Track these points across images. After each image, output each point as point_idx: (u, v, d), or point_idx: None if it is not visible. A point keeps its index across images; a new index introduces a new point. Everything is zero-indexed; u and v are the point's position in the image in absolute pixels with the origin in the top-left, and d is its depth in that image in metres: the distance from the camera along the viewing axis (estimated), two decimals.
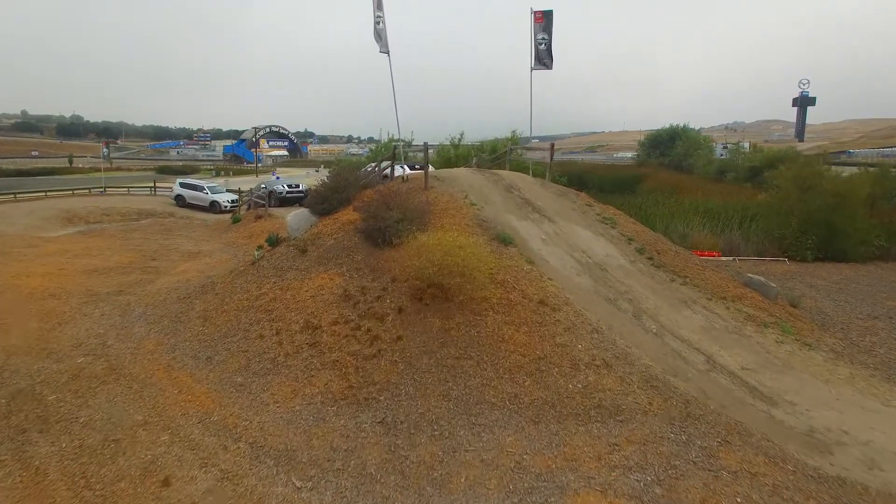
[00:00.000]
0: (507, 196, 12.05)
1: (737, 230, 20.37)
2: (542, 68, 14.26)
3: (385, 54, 12.22)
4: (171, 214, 29.86)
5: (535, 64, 14.30)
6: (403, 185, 12.54)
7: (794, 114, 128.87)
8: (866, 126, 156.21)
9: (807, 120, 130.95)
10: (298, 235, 12.42)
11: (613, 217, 12.25)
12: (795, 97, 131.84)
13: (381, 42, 12.02)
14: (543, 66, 14.21)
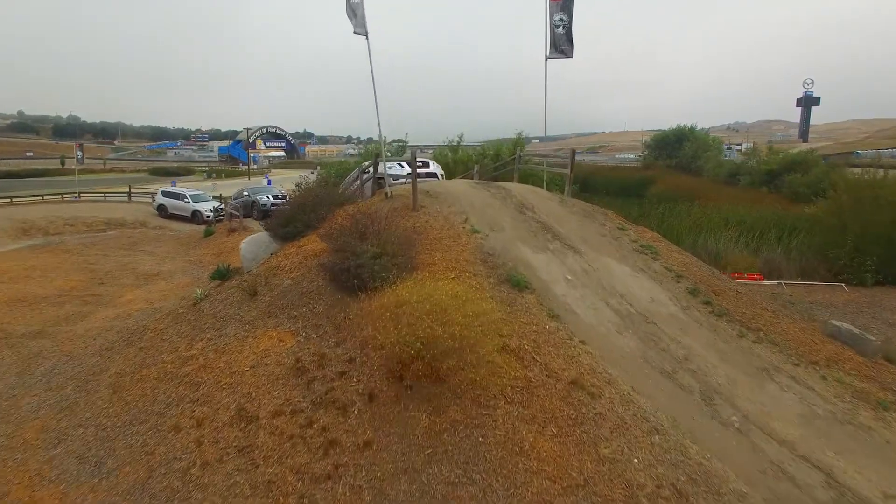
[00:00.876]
0: (519, 218, 9.44)
1: (776, 246, 17.74)
2: (559, 56, 11.66)
3: (362, 37, 9.63)
4: (143, 224, 27.27)
5: (550, 52, 11.70)
6: (386, 203, 9.93)
7: (795, 114, 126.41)
8: (869, 126, 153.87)
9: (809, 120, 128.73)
10: (253, 268, 9.83)
11: (653, 245, 9.64)
12: (799, 97, 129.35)
13: (355, 20, 9.44)
14: (562, 55, 11.61)
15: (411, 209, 9.36)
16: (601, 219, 10.29)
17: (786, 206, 28.54)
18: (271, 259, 9.73)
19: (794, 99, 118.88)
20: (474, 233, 8.59)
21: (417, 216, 9.11)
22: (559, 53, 11.65)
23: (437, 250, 8.05)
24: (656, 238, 10.21)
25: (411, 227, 8.63)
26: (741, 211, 22.28)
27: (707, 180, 46.42)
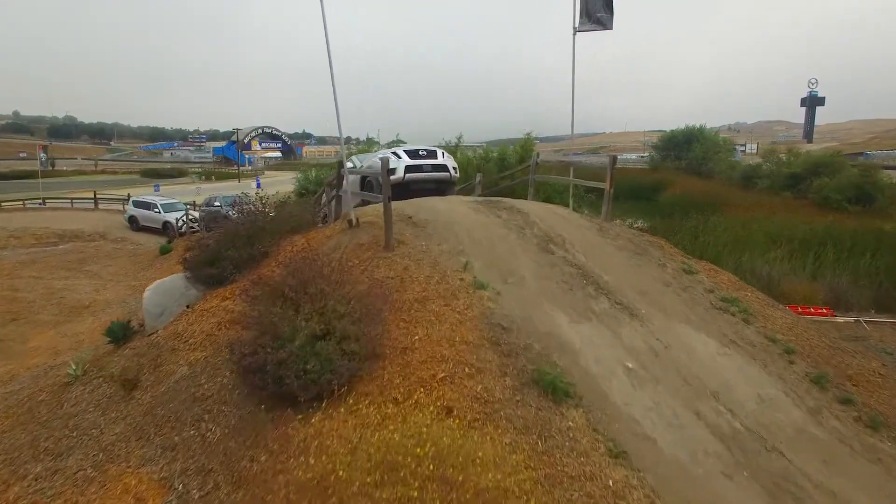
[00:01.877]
0: (545, 259, 6.34)
1: (838, 269, 14.64)
2: (593, 28, 8.60)
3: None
4: (103, 236, 24.21)
5: (580, 23, 8.66)
6: (347, 235, 6.84)
7: (797, 114, 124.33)
8: (872, 126, 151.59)
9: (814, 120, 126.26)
10: (159, 327, 6.77)
11: (738, 298, 6.59)
12: (804, 97, 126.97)
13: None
14: (597, 25, 8.55)
15: (384, 247, 6.29)
16: (657, 255, 7.21)
17: (816, 215, 25.55)
18: (182, 317, 6.66)
19: (795, 99, 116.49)
20: (479, 288, 5.52)
21: (392, 260, 6.04)
22: (594, 24, 8.58)
23: (420, 323, 4.99)
24: (737, 284, 7.15)
25: (381, 280, 5.57)
26: (783, 223, 19.20)
27: (721, 183, 43.41)
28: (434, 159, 9.68)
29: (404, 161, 9.36)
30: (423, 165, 9.46)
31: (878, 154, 72.68)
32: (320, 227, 8.35)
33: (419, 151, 9.79)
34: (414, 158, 9.51)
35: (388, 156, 9.28)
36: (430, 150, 9.94)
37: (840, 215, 25.47)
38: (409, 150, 9.78)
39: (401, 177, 9.07)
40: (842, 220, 22.09)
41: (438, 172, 9.59)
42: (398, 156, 9.52)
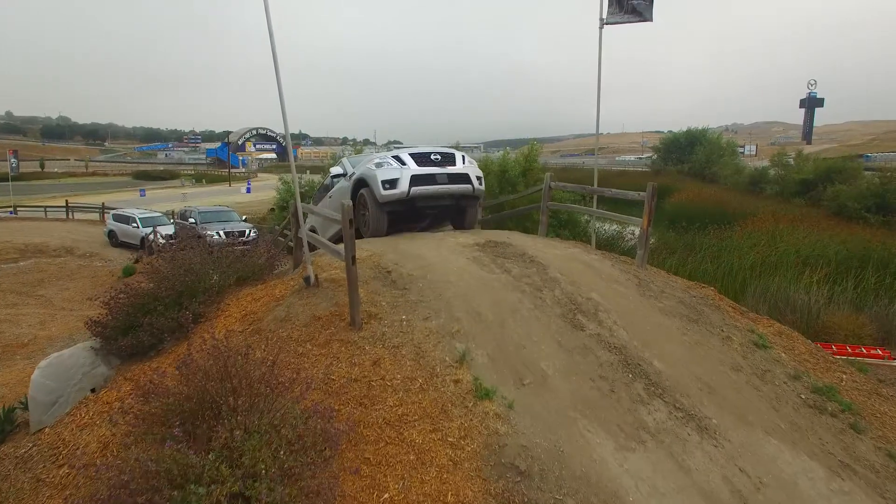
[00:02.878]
0: (573, 341, 4.53)
1: (880, 295, 12.87)
2: (629, 20, 6.80)
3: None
4: (70, 251, 22.29)
5: (609, 14, 6.88)
6: (301, 300, 5.02)
7: (793, 115, 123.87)
8: (870, 128, 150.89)
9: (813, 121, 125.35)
10: (47, 422, 4.99)
11: (832, 387, 4.82)
12: (803, 98, 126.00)
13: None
14: (634, 16, 6.74)
15: (349, 322, 4.50)
16: (716, 320, 5.43)
17: (839, 227, 23.88)
18: (78, 411, 4.88)
19: (791, 100, 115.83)
20: (482, 397, 3.75)
21: (358, 346, 4.25)
22: (628, 14, 6.81)
23: (392, 466, 3.23)
24: (821, 359, 5.38)
25: (339, 387, 3.79)
26: (814, 240, 17.44)
27: (727, 190, 41.77)
28: (451, 165, 7.27)
29: (409, 169, 6.99)
30: (435, 175, 7.06)
31: (879, 157, 71.35)
32: (277, 275, 6.57)
33: (430, 155, 7.33)
34: (423, 165, 7.13)
35: (385, 161, 7.16)
36: (446, 154, 7.46)
37: (863, 227, 23.79)
38: (417, 153, 7.35)
39: (404, 192, 6.86)
40: (870, 234, 20.40)
41: (457, 184, 7.21)
42: (401, 161, 7.14)
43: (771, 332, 5.75)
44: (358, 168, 7.64)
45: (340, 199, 7.14)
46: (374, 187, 6.97)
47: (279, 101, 5.06)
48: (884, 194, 26.96)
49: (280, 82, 5.02)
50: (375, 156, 7.68)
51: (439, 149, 7.74)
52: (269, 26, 4.89)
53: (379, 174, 7.00)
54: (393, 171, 7.02)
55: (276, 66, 4.94)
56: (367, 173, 7.16)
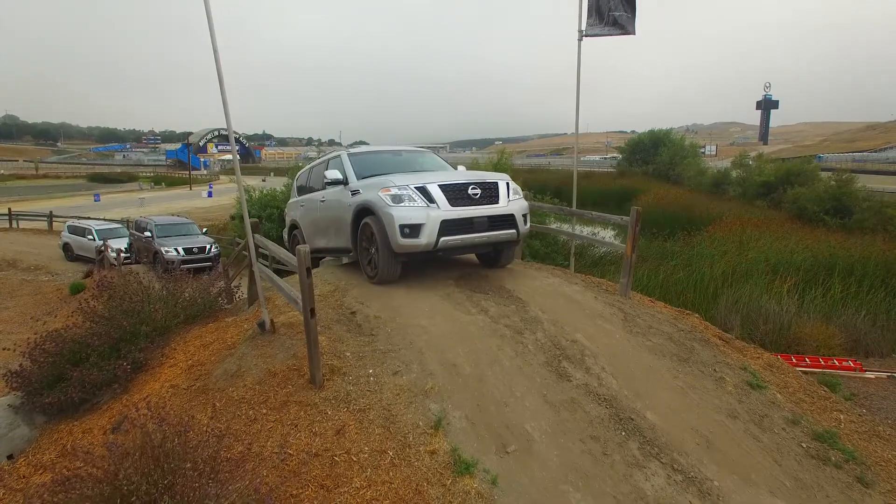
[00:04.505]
0: (558, 392, 4.07)
1: (847, 304, 12.96)
2: (609, 33, 6.43)
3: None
4: (12, 265, 20.70)
5: (588, 26, 6.50)
6: (255, 350, 4.45)
7: (750, 116, 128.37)
8: (821, 129, 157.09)
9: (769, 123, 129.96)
10: None
11: (834, 433, 4.52)
12: (759, 100, 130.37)
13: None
14: (614, 28, 6.34)
15: (308, 380, 3.97)
16: (707, 357, 5.08)
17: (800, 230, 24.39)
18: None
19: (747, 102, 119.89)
20: (462, 472, 3.28)
21: (319, 409, 3.72)
22: (608, 27, 6.43)
23: None
24: (814, 395, 5.09)
25: (296, 468, 3.26)
26: (781, 248, 17.60)
27: (691, 192, 42.44)
28: (493, 202, 5.54)
29: (439, 210, 5.22)
30: (473, 220, 5.32)
31: (830, 157, 74.09)
32: (232, 309, 5.96)
33: (467, 188, 5.46)
34: (458, 203, 5.34)
35: (405, 193, 5.27)
36: (487, 184, 5.61)
37: (824, 231, 24.36)
38: (450, 184, 5.42)
39: (430, 244, 5.15)
40: (831, 238, 20.81)
41: (501, 230, 5.54)
42: (427, 196, 5.29)
43: (761, 365, 5.46)
44: (366, 189, 5.68)
45: (334, 214, 6.18)
46: (389, 230, 5.17)
47: (222, 104, 4.47)
48: (840, 197, 27.76)
49: (222, 79, 4.40)
50: (392, 178, 5.55)
51: (476, 176, 5.71)
52: (209, 22, 4.31)
53: (396, 214, 5.15)
54: (416, 211, 5.16)
55: (218, 62, 4.35)
56: (379, 205, 5.32)
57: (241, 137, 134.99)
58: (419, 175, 5.81)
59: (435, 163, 7.20)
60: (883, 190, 30.58)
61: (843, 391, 7.99)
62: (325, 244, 6.72)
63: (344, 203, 6.03)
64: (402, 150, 7.18)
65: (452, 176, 5.69)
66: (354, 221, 5.80)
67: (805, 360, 10.44)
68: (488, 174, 6.03)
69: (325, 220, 6.60)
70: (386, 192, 5.34)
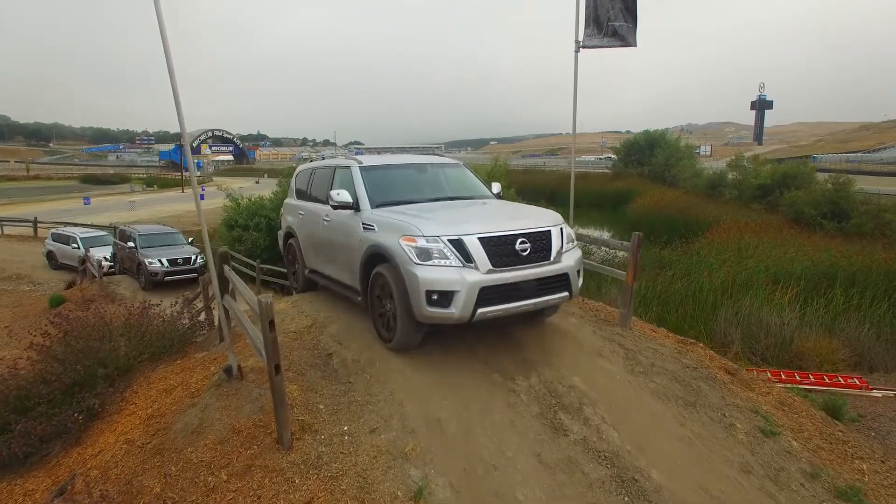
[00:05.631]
0: (554, 451, 3.63)
1: (849, 316, 12.61)
2: (608, 45, 6.02)
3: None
4: None
5: (586, 37, 6.08)
6: (219, 401, 3.99)
7: (745, 116, 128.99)
8: (816, 129, 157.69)
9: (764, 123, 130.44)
10: None
11: (858, 488, 4.13)
12: (753, 100, 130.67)
13: None
14: (613, 39, 5.93)
15: (276, 440, 3.54)
16: (714, 399, 4.70)
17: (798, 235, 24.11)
18: None
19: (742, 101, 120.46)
20: None
21: (286, 476, 3.29)
22: (608, 38, 6.03)
23: None
24: (837, 444, 4.71)
25: None
26: (781, 256, 17.26)
27: (687, 194, 42.12)
28: (545, 259, 4.38)
29: (478, 275, 4.07)
30: (520, 285, 4.21)
31: (825, 158, 74.20)
32: (202, 343, 5.52)
33: (515, 241, 4.28)
34: (502, 263, 4.18)
35: (434, 246, 4.11)
36: (537, 233, 4.41)
37: (821, 236, 24.07)
38: (493, 236, 4.22)
39: (464, 317, 4.03)
40: (829, 243, 20.52)
41: (552, 294, 4.42)
42: (464, 253, 4.13)
43: (772, 403, 5.07)
44: (383, 229, 4.51)
45: (340, 243, 5.13)
46: (412, 294, 4.09)
47: (174, 103, 4.04)
48: (837, 201, 27.49)
49: (172, 71, 3.96)
50: (417, 223, 4.29)
51: (525, 223, 4.45)
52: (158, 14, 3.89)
53: (422, 276, 4.02)
54: (448, 273, 4.03)
55: (168, 55, 3.92)
56: (399, 257, 4.19)
57: (234, 138, 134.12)
58: (451, 215, 4.66)
59: (467, 184, 5.87)
60: (879, 192, 30.33)
61: (850, 412, 7.65)
62: (326, 272, 5.73)
63: (353, 236, 4.90)
64: (427, 164, 5.90)
65: (495, 221, 4.44)
66: (366, 264, 4.66)
67: (809, 377, 10.06)
68: (537, 214, 4.85)
69: (328, 244, 5.53)
70: (410, 241, 4.17)
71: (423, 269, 4.07)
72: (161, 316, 5.65)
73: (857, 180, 30.66)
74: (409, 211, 4.69)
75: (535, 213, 5.05)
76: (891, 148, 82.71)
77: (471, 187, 5.83)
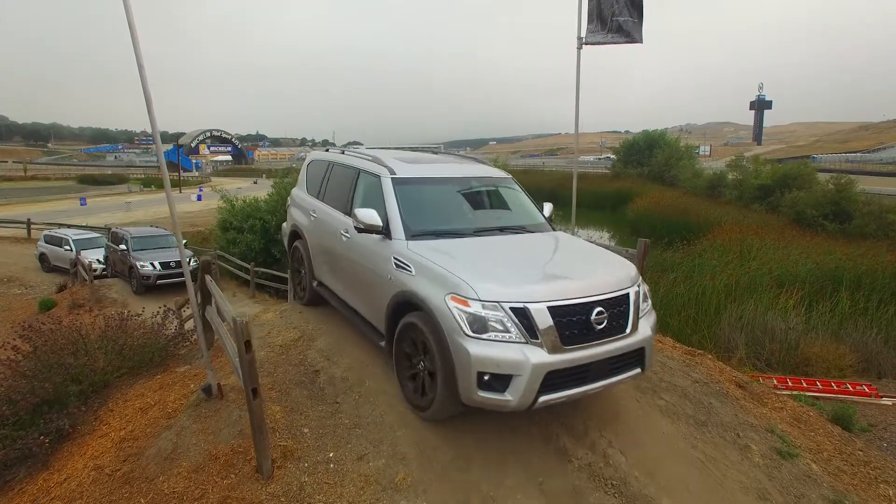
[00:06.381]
0: (558, 479, 3.34)
1: (856, 321, 12.34)
2: (612, 41, 5.75)
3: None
4: None
5: (589, 33, 5.82)
6: (199, 425, 3.71)
7: (743, 115, 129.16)
8: (813, 129, 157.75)
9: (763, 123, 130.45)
10: None
11: None
12: (752, 100, 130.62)
13: None
14: (618, 36, 5.65)
15: (255, 468, 3.26)
16: (727, 416, 4.41)
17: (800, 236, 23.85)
18: None
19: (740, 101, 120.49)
20: None
21: None
22: (612, 34, 5.75)
23: None
24: (859, 465, 4.43)
25: None
26: (784, 258, 17.00)
27: (686, 193, 41.89)
28: (621, 330, 3.58)
29: (542, 356, 3.23)
30: (591, 368, 3.43)
31: (825, 158, 74.10)
32: (185, 356, 5.23)
33: (590, 312, 3.43)
34: (575, 336, 3.37)
35: (493, 316, 3.26)
36: (616, 298, 3.58)
37: (824, 237, 23.84)
38: (568, 304, 3.36)
39: (524, 404, 3.23)
40: (832, 244, 20.27)
41: (624, 372, 3.64)
42: (528, 325, 3.25)
43: (787, 419, 4.79)
44: (422, 273, 3.62)
45: (364, 269, 4.27)
46: (459, 370, 3.27)
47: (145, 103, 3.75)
48: (839, 202, 27.24)
49: (141, 64, 3.68)
50: (470, 278, 3.36)
51: (600, 289, 3.52)
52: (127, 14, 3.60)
53: (474, 352, 3.19)
54: (507, 350, 3.20)
55: (138, 52, 3.64)
56: (445, 320, 3.32)
57: (233, 138, 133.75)
58: (510, 263, 3.77)
59: (519, 206, 4.90)
60: (880, 192, 30.09)
61: (861, 422, 7.39)
62: (341, 294, 4.88)
63: (381, 270, 4.02)
64: (472, 178, 4.84)
65: (567, 279, 3.59)
66: (396, 310, 3.83)
67: (816, 383, 9.80)
68: (611, 267, 3.94)
69: (346, 265, 4.68)
70: (461, 304, 3.28)
71: (476, 344, 3.20)
72: (142, 327, 5.35)
73: (858, 181, 30.44)
74: (457, 251, 3.79)
75: (607, 263, 4.08)
76: (890, 148, 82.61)
77: (523, 211, 4.84)
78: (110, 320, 5.37)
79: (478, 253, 3.88)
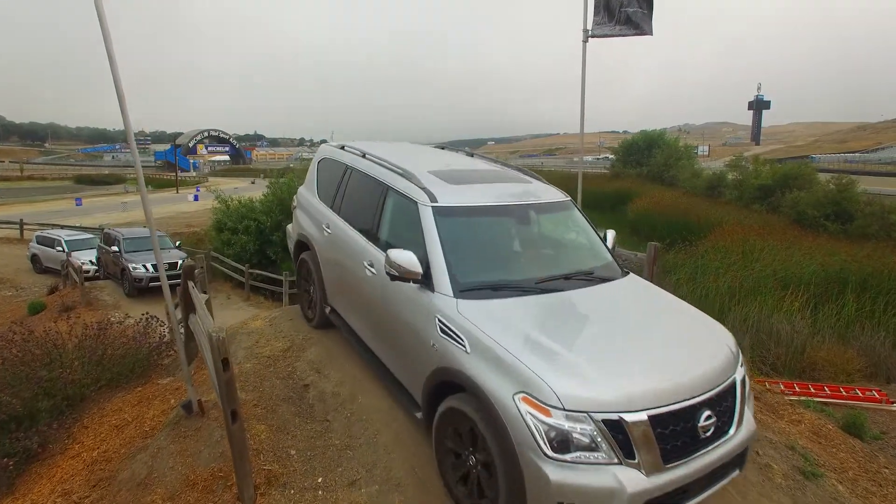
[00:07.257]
0: None
1: (863, 323, 12.09)
2: (620, 33, 5.49)
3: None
4: None
5: (595, 25, 5.55)
6: (178, 446, 3.42)
7: (741, 116, 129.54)
8: (811, 129, 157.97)
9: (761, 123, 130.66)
10: None
11: None
12: (751, 100, 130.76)
13: None
14: (626, 28, 5.39)
15: (236, 496, 2.96)
16: None
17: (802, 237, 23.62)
18: None
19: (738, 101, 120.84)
20: None
21: None
22: (620, 26, 5.48)
23: None
24: (885, 484, 4.15)
25: None
26: (788, 259, 16.73)
27: (686, 193, 41.69)
28: (725, 431, 2.78)
29: (645, 476, 2.44)
30: (694, 483, 2.62)
31: (824, 157, 74.10)
32: (168, 366, 4.93)
33: (698, 414, 2.62)
34: (678, 450, 2.56)
35: (557, 411, 2.42)
36: (722, 392, 2.79)
37: (826, 238, 23.62)
38: (670, 410, 2.54)
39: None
40: (835, 245, 20.03)
41: (722, 479, 2.82)
42: (618, 436, 2.44)
43: (806, 433, 4.52)
44: (477, 349, 2.76)
45: (397, 318, 3.37)
46: (532, 495, 2.47)
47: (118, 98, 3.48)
48: (841, 202, 27.07)
49: (113, 59, 3.41)
50: (543, 373, 2.50)
51: (708, 382, 2.71)
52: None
53: (555, 479, 2.37)
54: (596, 476, 2.41)
55: (110, 49, 3.36)
56: (516, 431, 2.47)
57: (230, 138, 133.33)
58: (590, 349, 2.81)
59: (582, 240, 4.05)
60: (880, 192, 29.94)
61: (872, 429, 7.13)
62: (360, 332, 3.99)
63: (420, 328, 3.15)
64: (530, 206, 3.82)
65: (668, 367, 2.74)
66: (437, 388, 2.99)
67: (824, 388, 9.53)
68: (706, 338, 3.12)
69: (371, 307, 3.75)
70: (538, 411, 2.45)
71: (558, 469, 2.38)
72: (123, 335, 5.05)
73: (859, 181, 30.29)
74: (523, 321, 2.89)
75: (707, 336, 3.16)
76: (889, 148, 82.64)
77: (587, 247, 3.95)
78: (89, 329, 5.07)
79: (548, 323, 2.94)
